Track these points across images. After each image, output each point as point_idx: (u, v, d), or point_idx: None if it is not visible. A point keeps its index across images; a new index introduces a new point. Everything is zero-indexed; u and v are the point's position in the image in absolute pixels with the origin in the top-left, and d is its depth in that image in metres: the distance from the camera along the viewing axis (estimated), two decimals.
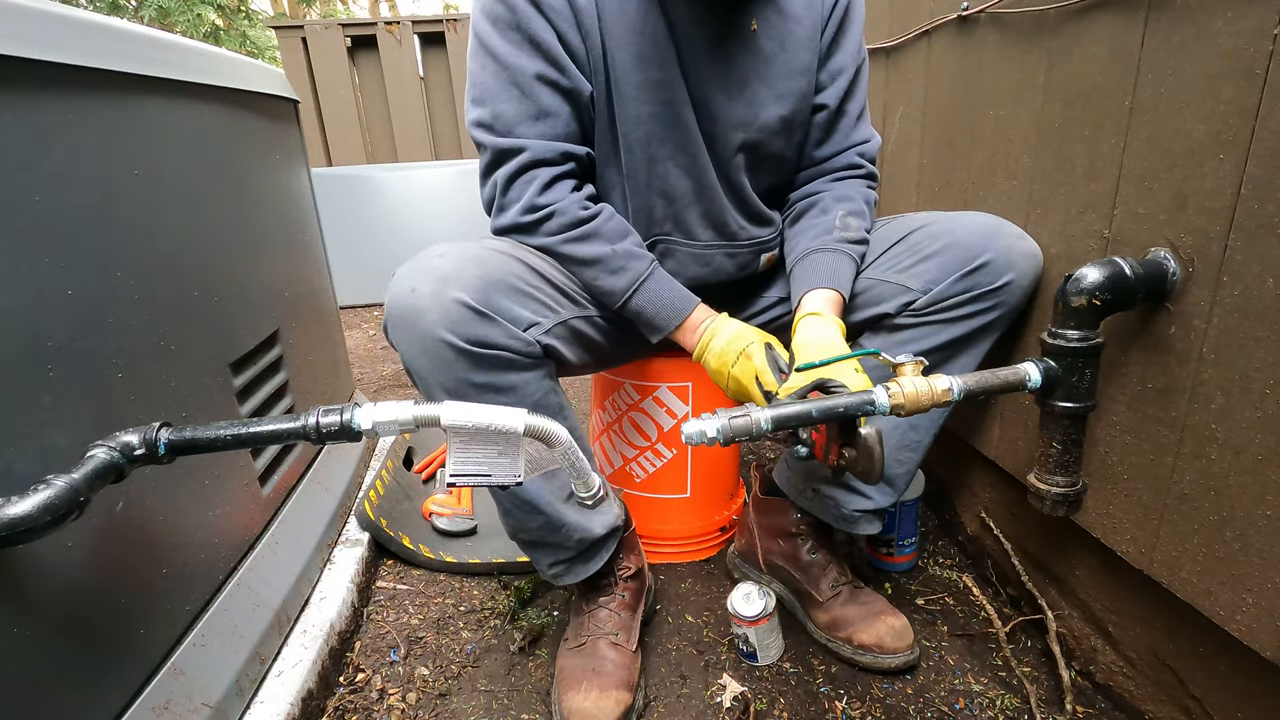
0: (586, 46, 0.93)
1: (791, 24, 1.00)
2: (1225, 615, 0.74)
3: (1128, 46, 0.80)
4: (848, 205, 1.03)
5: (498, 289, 0.85)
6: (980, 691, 1.02)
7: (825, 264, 0.99)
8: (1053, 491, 0.90)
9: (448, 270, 0.84)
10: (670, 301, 0.98)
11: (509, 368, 0.87)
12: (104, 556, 0.74)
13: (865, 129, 1.11)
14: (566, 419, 0.94)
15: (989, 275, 0.93)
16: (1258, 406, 0.68)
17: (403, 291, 0.84)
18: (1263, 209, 0.66)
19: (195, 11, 7.37)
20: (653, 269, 0.98)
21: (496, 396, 0.87)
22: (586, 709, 0.94)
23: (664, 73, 0.95)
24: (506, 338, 0.85)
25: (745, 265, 1.13)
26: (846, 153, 1.10)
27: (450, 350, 0.83)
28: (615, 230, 0.97)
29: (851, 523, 1.11)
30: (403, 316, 0.83)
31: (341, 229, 3.14)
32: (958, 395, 0.79)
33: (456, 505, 1.49)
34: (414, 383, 0.89)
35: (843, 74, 1.05)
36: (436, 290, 0.82)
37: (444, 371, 0.84)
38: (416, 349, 0.84)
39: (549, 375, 0.94)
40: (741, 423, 0.74)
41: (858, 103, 1.09)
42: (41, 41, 0.69)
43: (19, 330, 0.65)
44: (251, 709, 0.91)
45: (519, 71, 0.91)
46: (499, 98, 0.93)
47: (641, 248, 1.00)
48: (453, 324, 0.82)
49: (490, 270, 0.86)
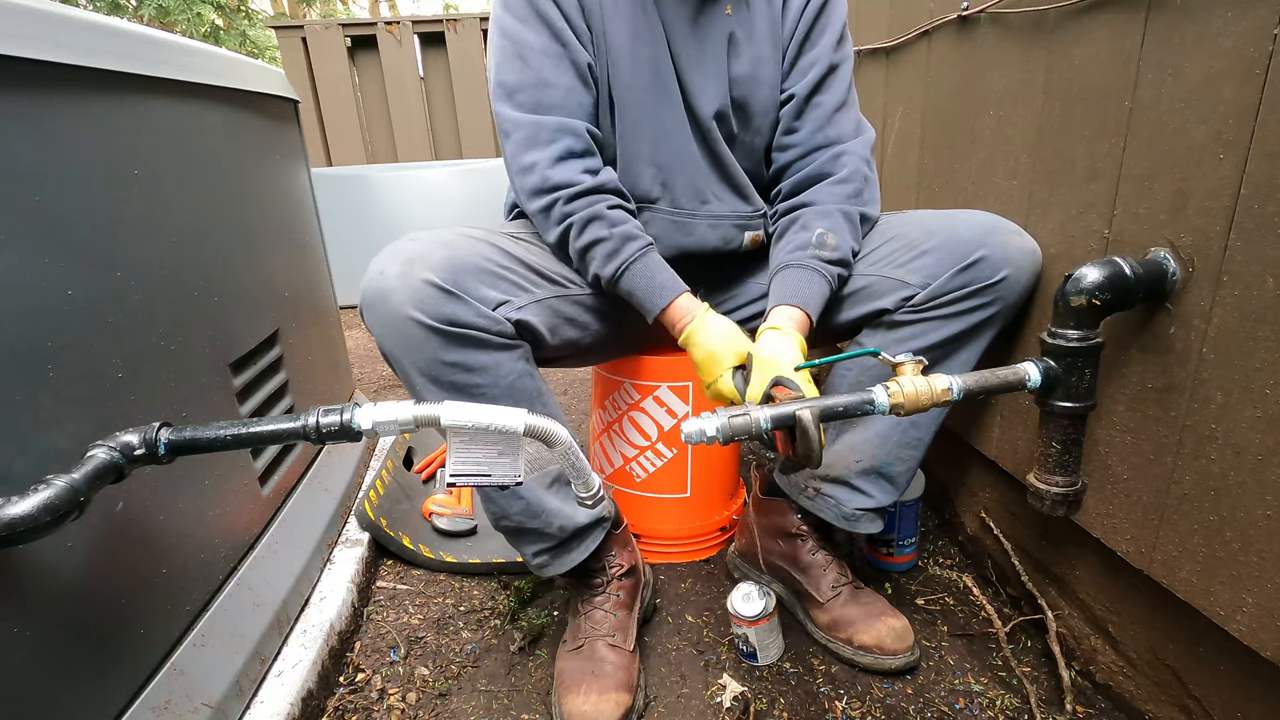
0: (589, 23, 1.01)
1: (758, 15, 1.05)
2: (1225, 615, 0.74)
3: (1128, 46, 0.80)
4: (826, 222, 1.03)
5: (465, 270, 0.88)
6: (980, 691, 1.02)
7: (793, 279, 1.00)
8: (1052, 491, 0.90)
9: (416, 252, 0.87)
10: (653, 290, 1.00)
11: (480, 346, 0.89)
12: (104, 556, 0.74)
13: (846, 125, 1.09)
14: (545, 406, 0.96)
15: (985, 270, 0.93)
16: (1258, 406, 0.68)
17: (373, 275, 0.87)
18: (1263, 209, 0.66)
19: (195, 11, 7.36)
20: (644, 252, 1.00)
21: (468, 376, 0.89)
22: (586, 712, 0.94)
23: (652, 47, 1.02)
24: (475, 316, 0.87)
25: (729, 239, 1.14)
26: (825, 150, 1.08)
27: (419, 329, 0.85)
28: (616, 216, 1.00)
29: (852, 522, 1.11)
30: (373, 298, 0.86)
31: (341, 229, 3.13)
32: (957, 395, 0.79)
33: (456, 505, 1.49)
34: (390, 366, 0.91)
35: (816, 66, 1.07)
36: (404, 271, 0.85)
37: (415, 351, 0.87)
38: (388, 329, 0.86)
39: (524, 358, 0.95)
40: (741, 422, 0.74)
41: (833, 96, 1.08)
42: (41, 41, 0.69)
43: (19, 330, 0.65)
44: (251, 709, 0.91)
45: (526, 46, 0.99)
46: (507, 69, 1.00)
47: (640, 230, 1.02)
48: (420, 302, 0.84)
49: (458, 252, 0.89)
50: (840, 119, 1.09)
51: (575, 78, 1.00)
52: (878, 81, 1.49)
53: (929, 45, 1.27)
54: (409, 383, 0.91)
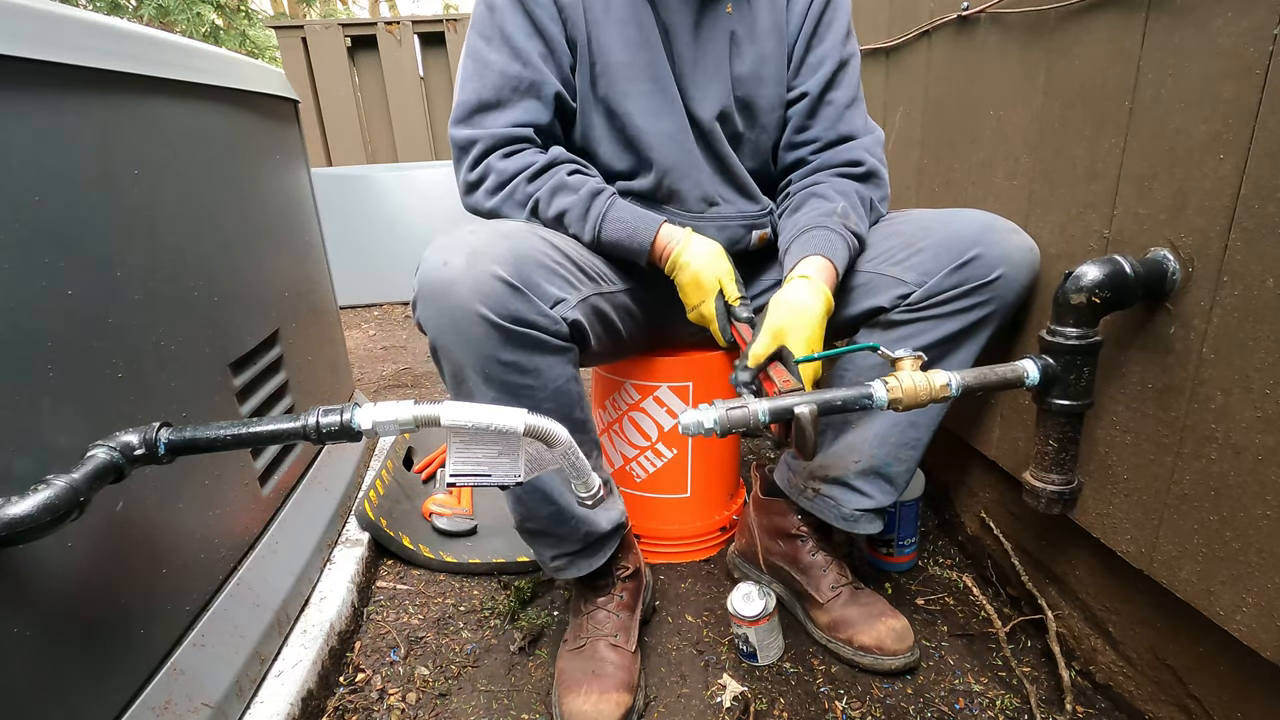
0: (571, 37, 1.00)
1: (760, 12, 1.05)
2: (1225, 615, 0.74)
3: (1128, 46, 0.80)
4: (844, 200, 1.03)
5: (528, 263, 0.86)
6: (980, 691, 1.02)
7: (820, 238, 0.98)
8: (1048, 489, 0.90)
9: (479, 244, 0.84)
10: (634, 232, 1.00)
11: (536, 348, 0.87)
12: (104, 556, 0.74)
13: (857, 121, 1.10)
14: (584, 410, 0.96)
15: (981, 268, 0.93)
16: (1258, 406, 0.68)
17: (433, 265, 0.82)
18: (1263, 209, 0.66)
19: (195, 11, 7.36)
20: (611, 200, 1.01)
21: (520, 377, 0.87)
22: (586, 712, 0.94)
23: (650, 53, 1.01)
24: (536, 314, 0.85)
25: (736, 240, 1.14)
26: (841, 146, 1.09)
27: (483, 325, 0.81)
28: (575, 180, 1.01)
29: (852, 522, 1.11)
30: (434, 290, 0.82)
31: (341, 229, 3.13)
32: (956, 391, 0.79)
33: (456, 505, 1.49)
34: (437, 363, 0.88)
35: (825, 63, 1.07)
36: (470, 263, 0.81)
37: (472, 348, 0.83)
38: (445, 323, 0.82)
39: (572, 362, 0.94)
40: (739, 414, 0.75)
41: (845, 93, 1.08)
42: (41, 41, 0.69)
43: (19, 330, 0.65)
44: (251, 709, 0.91)
45: (487, 65, 1.00)
46: (465, 85, 1.01)
47: (602, 183, 1.03)
48: (486, 297, 0.81)
49: (519, 245, 0.87)
50: (851, 116, 1.09)
51: (534, 99, 1.00)
52: (878, 81, 1.49)
53: (929, 45, 1.27)
54: (459, 379, 0.86)
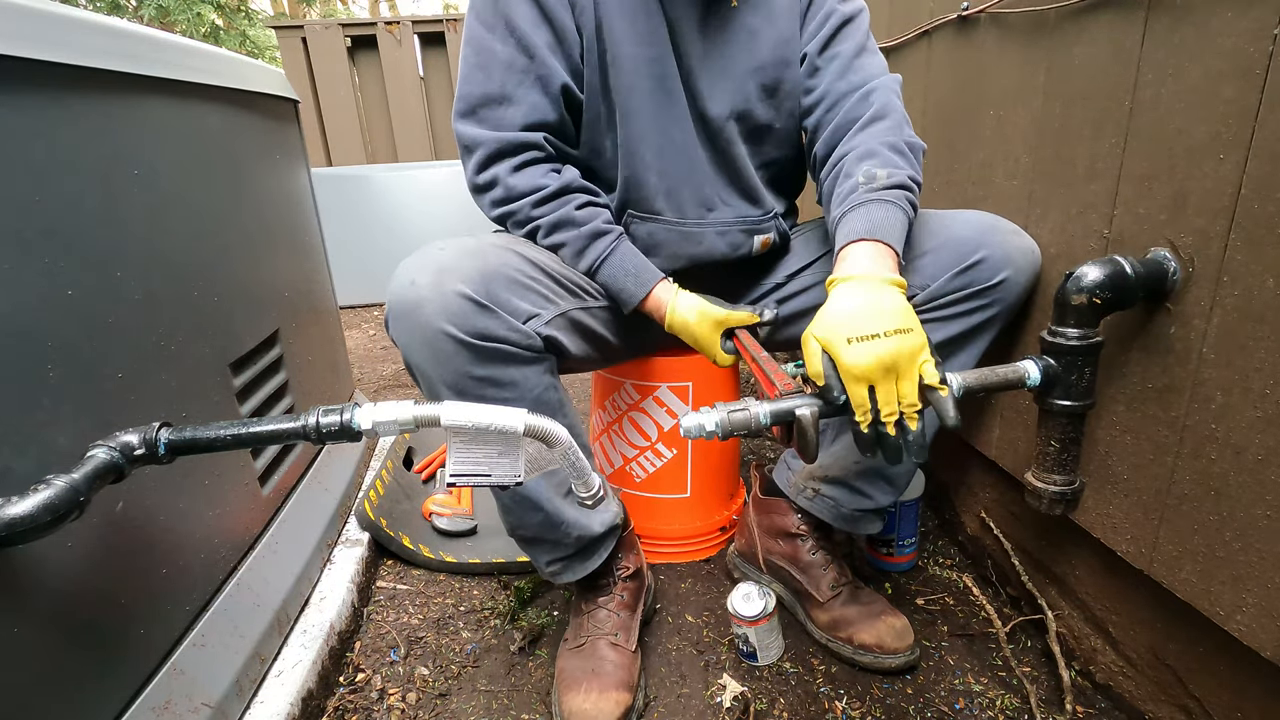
0: (580, 24, 0.96)
1: None
2: (1225, 615, 0.74)
3: (1128, 46, 0.80)
4: (869, 162, 0.93)
5: (496, 281, 0.86)
6: (980, 691, 1.02)
7: (848, 224, 0.88)
8: (1050, 490, 0.90)
9: (446, 262, 0.84)
10: (625, 289, 1.00)
11: (509, 361, 0.87)
12: (104, 556, 0.74)
13: (872, 68, 1.03)
14: (566, 416, 0.94)
15: (985, 271, 0.93)
16: (1258, 406, 0.68)
17: (402, 284, 0.84)
18: (1263, 209, 0.66)
19: (195, 11, 7.37)
20: (612, 247, 1.00)
21: (497, 391, 0.87)
22: (586, 710, 0.94)
23: (656, 49, 0.99)
24: (506, 330, 0.85)
25: (737, 245, 1.11)
26: (851, 95, 1.00)
27: (451, 343, 0.83)
28: (583, 215, 0.99)
29: (852, 522, 1.11)
30: (402, 309, 0.83)
31: (341, 229, 3.14)
32: (957, 392, 0.79)
33: (456, 505, 1.49)
34: (413, 378, 0.89)
35: (828, 21, 1.03)
36: (436, 281, 0.82)
37: (444, 365, 0.84)
38: (417, 341, 0.83)
39: (549, 371, 0.94)
40: (740, 417, 0.75)
41: (852, 44, 1.03)
42: (41, 41, 0.69)
43: (19, 330, 0.65)
44: (251, 709, 0.91)
45: (491, 56, 0.96)
46: (469, 76, 0.98)
47: (608, 224, 1.01)
48: (452, 315, 0.82)
49: (489, 263, 0.87)
50: (863, 64, 1.02)
51: (541, 93, 0.96)
52: None
53: (929, 45, 1.27)
54: (434, 396, 0.87)
